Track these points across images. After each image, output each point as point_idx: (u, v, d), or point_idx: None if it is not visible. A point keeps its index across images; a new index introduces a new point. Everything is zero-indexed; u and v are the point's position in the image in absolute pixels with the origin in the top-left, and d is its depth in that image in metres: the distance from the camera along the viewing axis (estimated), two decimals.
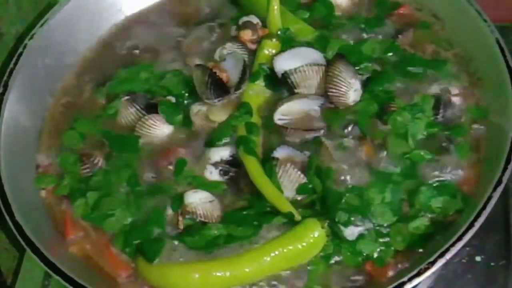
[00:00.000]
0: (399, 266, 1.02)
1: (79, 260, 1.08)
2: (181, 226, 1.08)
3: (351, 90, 1.16)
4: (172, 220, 1.10)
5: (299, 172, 1.09)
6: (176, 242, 1.06)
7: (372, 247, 1.03)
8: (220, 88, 1.19)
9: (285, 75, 1.19)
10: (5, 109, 1.18)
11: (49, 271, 1.00)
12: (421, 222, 1.04)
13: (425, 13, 1.30)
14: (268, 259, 1.02)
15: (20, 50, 1.25)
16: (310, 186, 1.09)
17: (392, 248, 1.03)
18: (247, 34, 1.27)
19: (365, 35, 1.27)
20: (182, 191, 1.11)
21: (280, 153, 1.12)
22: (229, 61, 1.23)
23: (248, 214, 1.07)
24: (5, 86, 1.21)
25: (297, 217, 1.05)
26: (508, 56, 1.13)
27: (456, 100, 1.17)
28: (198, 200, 1.09)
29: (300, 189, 1.09)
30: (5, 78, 1.22)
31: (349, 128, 1.14)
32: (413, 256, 1.02)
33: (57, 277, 0.99)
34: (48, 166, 1.20)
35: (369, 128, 1.14)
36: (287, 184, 1.09)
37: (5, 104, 1.19)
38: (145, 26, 1.39)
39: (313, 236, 1.02)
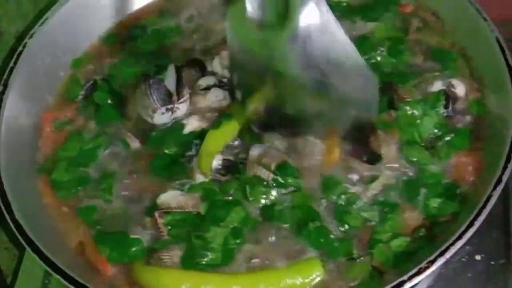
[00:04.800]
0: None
1: (79, 259, 1.08)
2: (162, 227, 1.07)
3: None
4: (152, 228, 1.08)
5: (267, 172, 1.09)
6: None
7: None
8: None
9: None
10: (5, 108, 1.18)
11: (49, 270, 1.00)
12: (403, 240, 1.03)
13: (425, 12, 1.30)
14: (260, 285, 1.01)
15: (20, 49, 1.25)
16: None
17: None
18: None
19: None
20: None
21: (254, 152, 1.12)
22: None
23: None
24: (5, 85, 1.21)
25: (207, 173, 1.10)
26: (508, 54, 1.13)
27: (462, 94, 1.16)
28: (170, 196, 1.09)
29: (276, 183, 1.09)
30: (5, 77, 1.22)
31: None
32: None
33: (57, 276, 0.99)
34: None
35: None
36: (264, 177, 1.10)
37: (5, 103, 1.19)
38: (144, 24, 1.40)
39: (311, 275, 1.01)
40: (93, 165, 1.18)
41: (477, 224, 0.96)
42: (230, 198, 1.09)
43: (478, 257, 1.15)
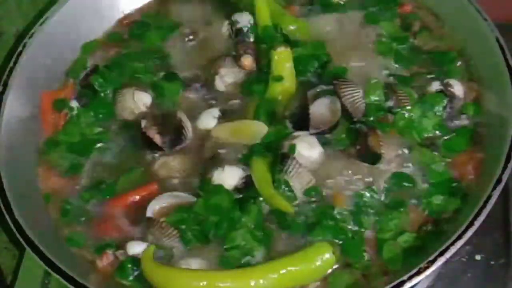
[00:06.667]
0: None
1: (79, 259, 1.08)
2: (169, 229, 1.05)
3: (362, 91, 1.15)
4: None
5: (310, 176, 1.08)
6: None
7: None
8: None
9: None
10: (5, 108, 1.19)
11: (49, 270, 1.00)
12: (409, 236, 1.04)
13: (425, 12, 1.30)
14: (275, 275, 0.99)
15: (19, 49, 1.25)
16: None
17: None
18: (248, 61, 1.24)
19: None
20: None
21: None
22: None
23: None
24: (5, 85, 1.21)
25: (291, 209, 1.05)
26: (508, 55, 1.13)
27: (459, 94, 1.16)
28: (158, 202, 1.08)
29: (308, 192, 1.08)
30: (4, 77, 1.22)
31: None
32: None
33: (57, 276, 0.99)
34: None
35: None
36: (295, 185, 1.07)
37: (5, 103, 1.19)
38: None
39: (322, 259, 1.01)
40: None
41: (477, 224, 0.96)
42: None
43: (478, 257, 1.15)
